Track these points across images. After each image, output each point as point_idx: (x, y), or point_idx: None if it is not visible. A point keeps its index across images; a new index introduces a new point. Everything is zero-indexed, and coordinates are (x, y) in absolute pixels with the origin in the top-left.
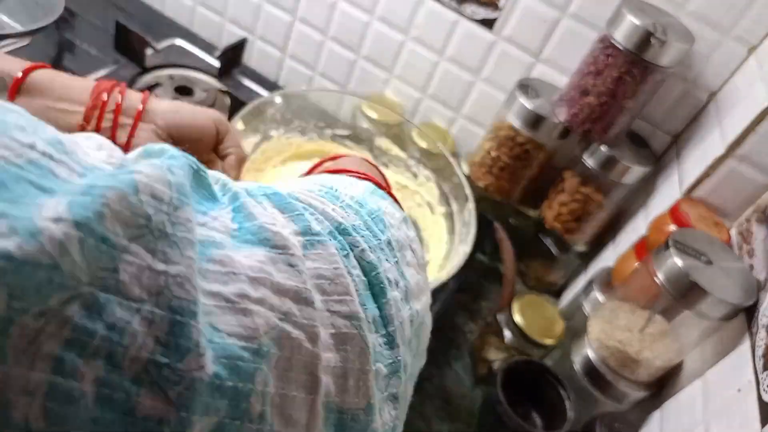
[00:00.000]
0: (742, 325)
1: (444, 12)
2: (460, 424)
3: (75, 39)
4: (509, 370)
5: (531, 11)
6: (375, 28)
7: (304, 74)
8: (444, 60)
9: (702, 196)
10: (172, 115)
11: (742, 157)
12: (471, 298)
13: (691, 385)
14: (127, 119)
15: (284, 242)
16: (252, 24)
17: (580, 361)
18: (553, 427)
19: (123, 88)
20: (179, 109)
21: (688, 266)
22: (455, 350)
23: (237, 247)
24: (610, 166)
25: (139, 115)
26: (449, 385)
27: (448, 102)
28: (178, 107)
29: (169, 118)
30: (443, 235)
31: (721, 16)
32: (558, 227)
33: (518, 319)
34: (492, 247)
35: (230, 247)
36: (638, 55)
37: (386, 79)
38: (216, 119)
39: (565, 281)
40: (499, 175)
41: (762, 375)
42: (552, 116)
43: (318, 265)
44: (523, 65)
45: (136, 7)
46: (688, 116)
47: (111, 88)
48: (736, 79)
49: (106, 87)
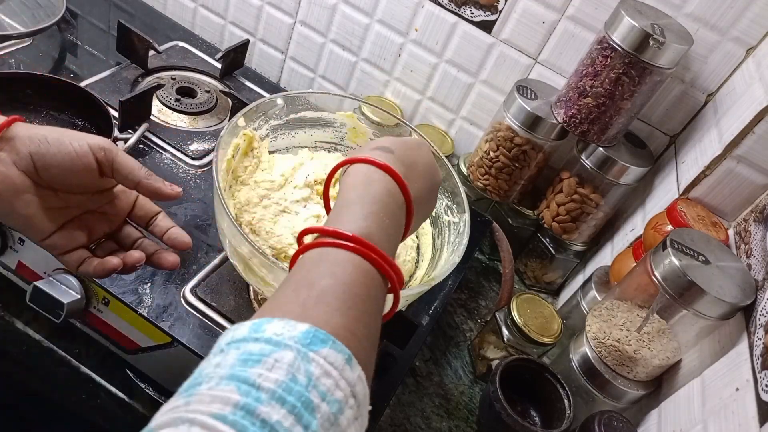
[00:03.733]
0: (740, 325)
1: (443, 14)
2: (459, 422)
3: (77, 40)
4: (508, 369)
5: (529, 13)
6: (375, 31)
7: (305, 76)
8: (443, 62)
9: (700, 196)
10: (37, 144)
11: (739, 157)
12: (470, 297)
13: (689, 383)
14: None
15: None
16: (253, 26)
17: (578, 360)
18: (551, 425)
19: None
20: (48, 136)
21: (686, 266)
22: (454, 348)
23: None
24: (608, 167)
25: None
26: (448, 383)
27: (447, 103)
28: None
29: (34, 146)
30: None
31: (719, 18)
32: (556, 227)
33: (517, 317)
34: (490, 246)
35: None
36: (636, 56)
37: (386, 81)
38: (94, 144)
39: (563, 280)
40: (497, 175)
41: (760, 374)
42: (550, 117)
43: None
44: (522, 67)
45: (139, 8)
46: (686, 117)
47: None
48: (733, 79)
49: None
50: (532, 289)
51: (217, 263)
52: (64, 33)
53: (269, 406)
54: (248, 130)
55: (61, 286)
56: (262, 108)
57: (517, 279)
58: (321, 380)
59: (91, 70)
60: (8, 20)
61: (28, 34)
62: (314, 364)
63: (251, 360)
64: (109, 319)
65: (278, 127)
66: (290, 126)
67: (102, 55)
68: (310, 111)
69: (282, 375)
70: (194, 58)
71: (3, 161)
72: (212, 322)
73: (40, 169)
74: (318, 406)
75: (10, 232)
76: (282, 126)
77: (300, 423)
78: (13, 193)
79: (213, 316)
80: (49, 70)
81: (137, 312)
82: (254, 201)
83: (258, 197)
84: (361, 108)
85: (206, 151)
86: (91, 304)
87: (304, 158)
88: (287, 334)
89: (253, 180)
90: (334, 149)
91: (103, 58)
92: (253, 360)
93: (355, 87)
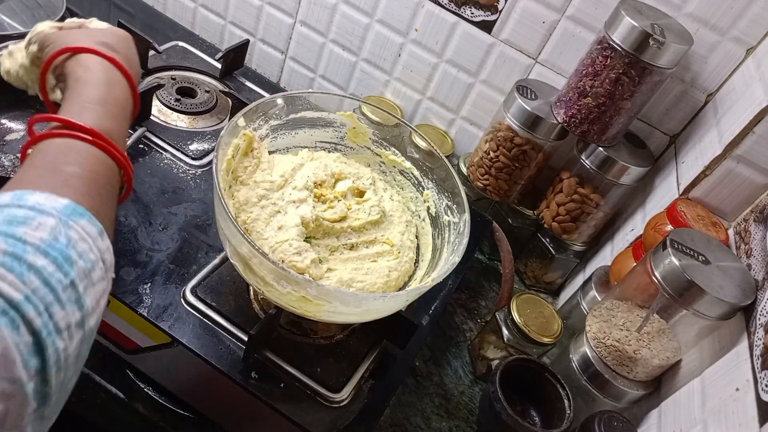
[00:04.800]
0: (740, 325)
1: (443, 14)
2: (459, 422)
3: None
4: (508, 369)
5: (529, 13)
6: (375, 31)
7: (305, 76)
8: (443, 62)
9: (700, 196)
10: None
11: (739, 157)
12: (470, 297)
13: (689, 383)
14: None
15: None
16: (254, 26)
17: (579, 360)
18: (551, 425)
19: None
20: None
21: (686, 265)
22: (454, 349)
23: None
24: (608, 167)
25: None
26: (448, 383)
27: (447, 103)
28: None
29: None
30: (430, 241)
31: (719, 18)
32: (556, 227)
33: (517, 317)
34: (490, 246)
35: None
36: (636, 56)
37: (386, 81)
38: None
39: (563, 280)
40: (497, 175)
41: (760, 374)
42: (550, 117)
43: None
44: (522, 67)
45: (138, 8)
46: (686, 117)
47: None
48: (733, 79)
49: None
50: (532, 289)
51: (217, 263)
52: None
53: (35, 256)
54: (248, 130)
55: None
56: (262, 108)
57: (517, 279)
58: (78, 243)
59: None
60: (8, 20)
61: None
62: (73, 230)
63: (16, 221)
64: (109, 319)
65: (278, 127)
66: (290, 126)
67: None
68: (310, 111)
69: (46, 234)
70: (194, 58)
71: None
72: (212, 322)
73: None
74: (76, 261)
75: None
76: (282, 126)
77: (61, 271)
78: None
79: (213, 316)
80: None
81: (137, 312)
82: (252, 201)
83: (257, 197)
84: (361, 108)
85: (206, 151)
86: None
87: (304, 159)
88: (49, 204)
89: (253, 180)
90: (333, 149)
91: None
92: (18, 221)
93: (355, 87)
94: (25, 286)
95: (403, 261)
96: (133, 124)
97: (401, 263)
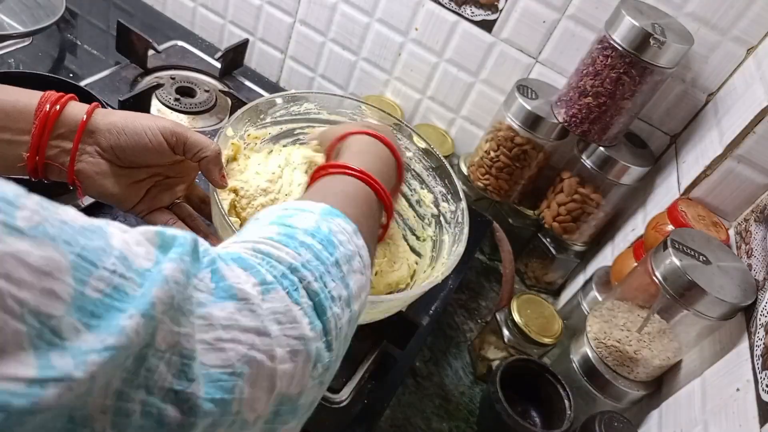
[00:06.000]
0: (741, 325)
1: (443, 13)
2: (460, 423)
3: (76, 40)
4: (508, 369)
5: (530, 13)
6: (375, 30)
7: (304, 75)
8: (443, 61)
9: (700, 196)
10: (116, 137)
11: (740, 157)
12: (470, 298)
13: (689, 384)
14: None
15: (245, 295)
16: (253, 25)
17: (579, 360)
18: (551, 425)
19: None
20: (125, 128)
21: (687, 266)
22: (454, 349)
23: (215, 302)
24: (609, 167)
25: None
26: (448, 384)
27: (448, 103)
28: (123, 125)
29: (114, 140)
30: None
31: (720, 17)
32: (556, 227)
33: (517, 318)
34: (491, 246)
35: (210, 303)
36: (637, 55)
37: (386, 80)
38: (166, 130)
39: (563, 281)
40: (497, 175)
41: (761, 374)
42: (551, 117)
43: (273, 305)
44: (522, 66)
45: (138, 8)
46: (686, 117)
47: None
48: (734, 79)
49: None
50: (533, 289)
51: None
52: (64, 33)
53: (304, 236)
54: (236, 139)
55: None
56: (262, 108)
57: (518, 279)
58: (338, 234)
59: (91, 69)
60: (8, 20)
61: (27, 33)
62: (332, 224)
63: (284, 215)
64: None
65: (277, 126)
66: (290, 126)
67: (101, 54)
68: (309, 111)
69: (310, 223)
70: (194, 58)
71: (91, 153)
72: None
73: (121, 157)
74: (337, 246)
75: None
76: (281, 125)
77: (327, 250)
78: (102, 178)
79: None
80: (49, 69)
81: None
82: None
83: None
84: (361, 107)
85: None
86: None
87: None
88: (309, 207)
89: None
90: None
91: (103, 57)
92: (285, 215)
93: (355, 86)
94: (300, 257)
95: (402, 260)
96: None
97: (400, 266)
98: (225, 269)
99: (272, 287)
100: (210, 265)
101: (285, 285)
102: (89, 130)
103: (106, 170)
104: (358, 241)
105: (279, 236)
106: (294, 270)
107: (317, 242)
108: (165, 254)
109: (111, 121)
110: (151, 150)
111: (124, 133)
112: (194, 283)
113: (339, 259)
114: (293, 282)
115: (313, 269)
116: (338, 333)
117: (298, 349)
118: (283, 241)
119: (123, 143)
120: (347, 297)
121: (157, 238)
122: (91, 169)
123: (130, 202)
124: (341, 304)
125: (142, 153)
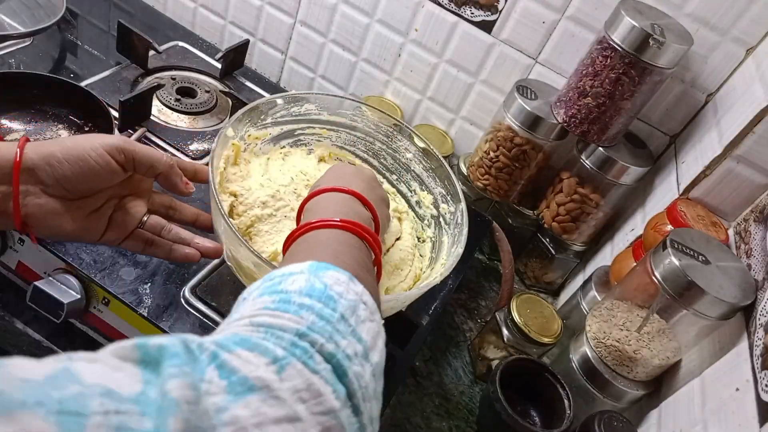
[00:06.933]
0: (740, 325)
1: (443, 14)
2: (459, 422)
3: (77, 40)
4: (508, 369)
5: (529, 13)
6: (375, 31)
7: (305, 76)
8: (443, 62)
9: (700, 196)
10: (59, 168)
11: (739, 157)
12: (470, 297)
13: (689, 383)
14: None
15: (264, 382)
16: (254, 26)
17: (579, 360)
18: (551, 425)
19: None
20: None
21: (686, 265)
22: (454, 348)
23: (235, 401)
24: (608, 167)
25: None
26: (448, 383)
27: (447, 103)
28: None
29: (56, 172)
30: (429, 234)
31: (720, 18)
32: (556, 227)
33: (517, 317)
34: (490, 246)
35: (230, 404)
36: (636, 56)
37: (386, 81)
38: (111, 148)
39: (563, 280)
40: (497, 175)
41: (760, 374)
42: (550, 117)
43: (293, 383)
44: (522, 67)
45: (139, 8)
46: (686, 117)
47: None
48: (734, 79)
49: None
50: (532, 289)
51: (217, 263)
52: (64, 33)
53: (300, 297)
54: (236, 140)
55: (61, 286)
56: (262, 108)
57: (517, 279)
58: (334, 287)
59: (91, 70)
60: (8, 20)
61: (28, 34)
62: (325, 278)
63: (272, 284)
64: (109, 319)
65: (278, 126)
66: (290, 127)
67: (102, 55)
68: (310, 111)
69: (301, 284)
70: (194, 58)
71: (35, 193)
72: (212, 322)
73: (69, 189)
74: (338, 300)
75: (9, 233)
76: (282, 126)
77: (328, 307)
78: (54, 217)
79: (213, 316)
80: (49, 70)
81: (137, 312)
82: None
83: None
84: (361, 108)
85: (206, 151)
86: (91, 304)
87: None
88: (295, 269)
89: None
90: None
91: (103, 58)
92: (274, 283)
93: (355, 87)
94: (303, 320)
95: (401, 262)
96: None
97: (399, 267)
98: (231, 359)
99: (286, 362)
100: (212, 360)
101: (298, 355)
102: (26, 168)
103: (57, 208)
104: (357, 288)
105: (275, 304)
106: (302, 336)
107: (316, 301)
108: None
109: (48, 152)
110: (99, 173)
111: (66, 161)
112: (203, 389)
113: (344, 313)
114: (305, 349)
115: (321, 330)
116: (365, 393)
117: (329, 425)
118: (281, 308)
119: (68, 173)
120: (363, 351)
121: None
122: (40, 211)
123: (94, 233)
124: (359, 360)
125: (91, 178)
